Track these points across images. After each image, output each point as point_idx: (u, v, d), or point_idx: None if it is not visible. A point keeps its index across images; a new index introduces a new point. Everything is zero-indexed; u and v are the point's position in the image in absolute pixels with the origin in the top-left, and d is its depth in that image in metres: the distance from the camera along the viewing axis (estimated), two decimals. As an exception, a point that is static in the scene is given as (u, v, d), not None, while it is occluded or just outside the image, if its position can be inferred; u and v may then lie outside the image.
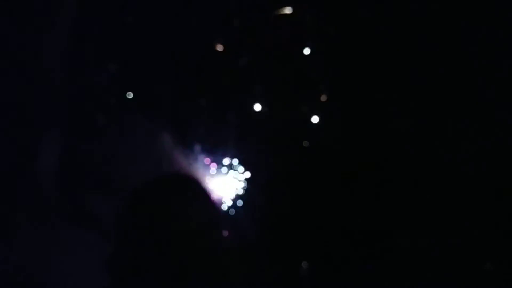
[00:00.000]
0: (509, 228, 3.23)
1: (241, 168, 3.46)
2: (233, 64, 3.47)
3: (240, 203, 3.43)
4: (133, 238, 2.41)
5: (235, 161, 3.46)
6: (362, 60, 3.39)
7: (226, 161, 3.45)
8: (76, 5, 3.07)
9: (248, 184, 3.46)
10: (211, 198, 2.59)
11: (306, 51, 3.47)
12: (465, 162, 3.29)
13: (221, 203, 3.39)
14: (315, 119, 3.47)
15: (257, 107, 3.47)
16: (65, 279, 2.79)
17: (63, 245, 2.92)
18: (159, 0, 3.33)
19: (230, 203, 3.43)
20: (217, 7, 3.40)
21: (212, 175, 3.42)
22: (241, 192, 3.45)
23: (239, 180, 3.45)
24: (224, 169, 3.44)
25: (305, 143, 3.48)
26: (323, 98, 3.45)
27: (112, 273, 2.38)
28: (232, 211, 3.41)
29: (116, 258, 2.39)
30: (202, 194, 2.52)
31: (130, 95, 3.24)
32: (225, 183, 3.44)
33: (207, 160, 3.31)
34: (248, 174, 3.46)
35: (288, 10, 3.49)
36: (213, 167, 3.42)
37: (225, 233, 2.59)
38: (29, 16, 2.89)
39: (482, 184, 3.27)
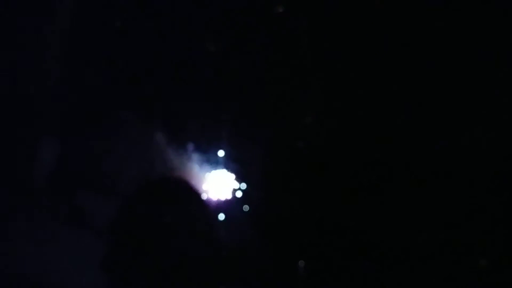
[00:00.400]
0: (507, 226, 3.27)
1: (235, 168, 3.45)
2: (227, 64, 3.46)
3: (234, 203, 3.42)
4: (129, 238, 2.40)
5: (229, 161, 3.45)
6: (358, 59, 3.40)
7: (220, 160, 3.44)
8: (73, 6, 3.03)
9: (242, 184, 3.45)
10: (205, 198, 2.60)
11: (300, 49, 3.47)
12: (461, 162, 3.33)
13: (215, 204, 3.37)
14: (308, 119, 3.48)
15: (252, 107, 3.47)
16: (61, 279, 2.76)
17: (59, 245, 2.89)
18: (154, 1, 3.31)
19: (224, 203, 3.41)
20: (211, 6, 3.38)
21: (206, 175, 3.40)
22: (235, 192, 3.44)
23: (233, 181, 3.44)
24: (218, 169, 3.43)
25: (300, 144, 3.49)
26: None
27: (107, 273, 2.37)
28: (227, 212, 3.40)
29: (111, 259, 2.39)
30: (196, 194, 2.53)
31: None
32: (219, 183, 3.42)
33: None
34: (242, 174, 3.45)
35: (281, 9, 3.49)
36: (207, 167, 3.41)
37: (220, 233, 2.59)
38: (29, 15, 2.85)
39: (480, 183, 3.30)
